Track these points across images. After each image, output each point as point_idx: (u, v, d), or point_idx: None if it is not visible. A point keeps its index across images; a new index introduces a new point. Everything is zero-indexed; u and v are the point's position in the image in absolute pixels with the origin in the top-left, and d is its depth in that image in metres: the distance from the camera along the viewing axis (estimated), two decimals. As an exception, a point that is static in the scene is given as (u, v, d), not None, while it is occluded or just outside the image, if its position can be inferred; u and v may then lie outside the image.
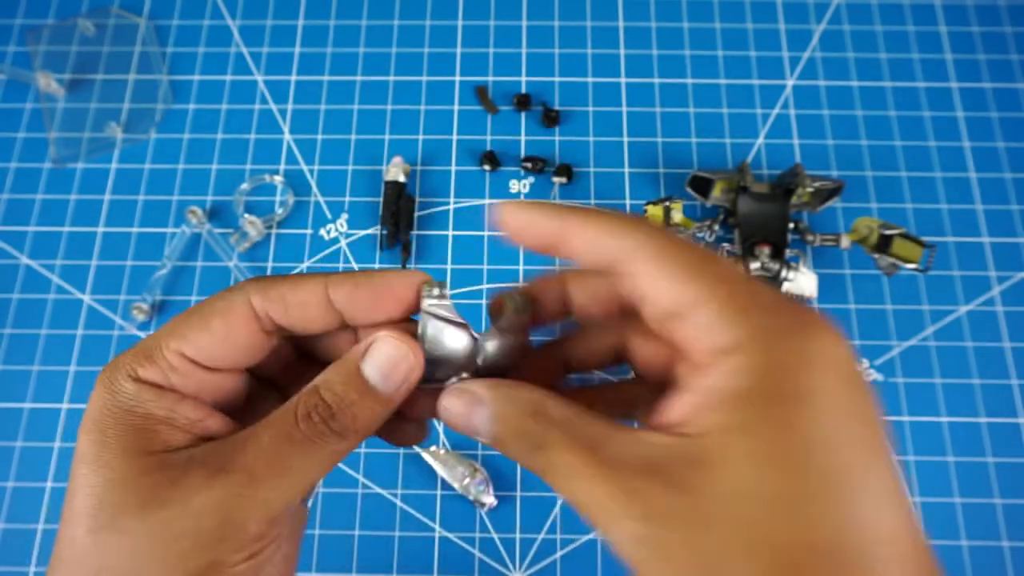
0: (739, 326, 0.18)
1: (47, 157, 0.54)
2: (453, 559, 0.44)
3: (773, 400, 0.17)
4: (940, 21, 0.57)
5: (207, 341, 0.22)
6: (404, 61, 0.56)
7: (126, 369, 0.21)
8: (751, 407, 0.17)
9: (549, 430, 0.20)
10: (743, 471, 0.17)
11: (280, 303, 0.22)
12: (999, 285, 0.50)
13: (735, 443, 0.17)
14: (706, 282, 0.19)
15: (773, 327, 0.18)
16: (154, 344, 0.21)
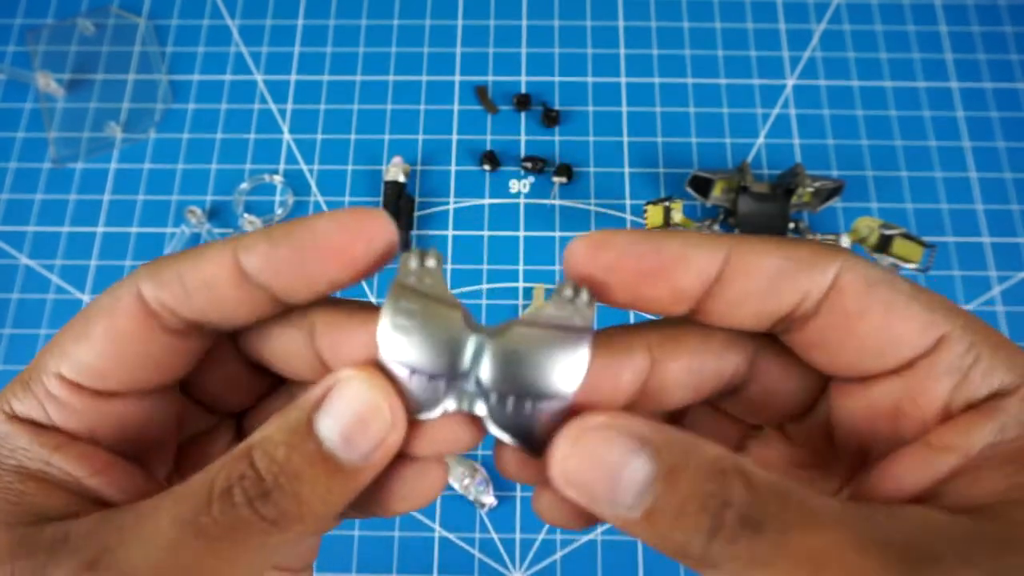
0: (1005, 361, 0.14)
1: (46, 157, 0.54)
2: (453, 559, 0.44)
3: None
4: (940, 21, 0.57)
5: (89, 353, 0.15)
6: (404, 61, 0.56)
7: (1, 408, 0.16)
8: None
9: (769, 499, 0.13)
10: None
11: (177, 285, 0.15)
12: (999, 285, 0.50)
13: None
14: (949, 312, 0.14)
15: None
16: (31, 367, 0.16)
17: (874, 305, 0.14)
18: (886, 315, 0.14)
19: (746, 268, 0.15)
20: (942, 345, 0.14)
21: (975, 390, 0.14)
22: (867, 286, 0.14)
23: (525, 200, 0.52)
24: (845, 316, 0.14)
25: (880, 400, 0.15)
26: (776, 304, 0.15)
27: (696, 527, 0.13)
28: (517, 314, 0.49)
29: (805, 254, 0.14)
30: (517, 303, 0.49)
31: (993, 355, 0.14)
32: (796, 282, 0.14)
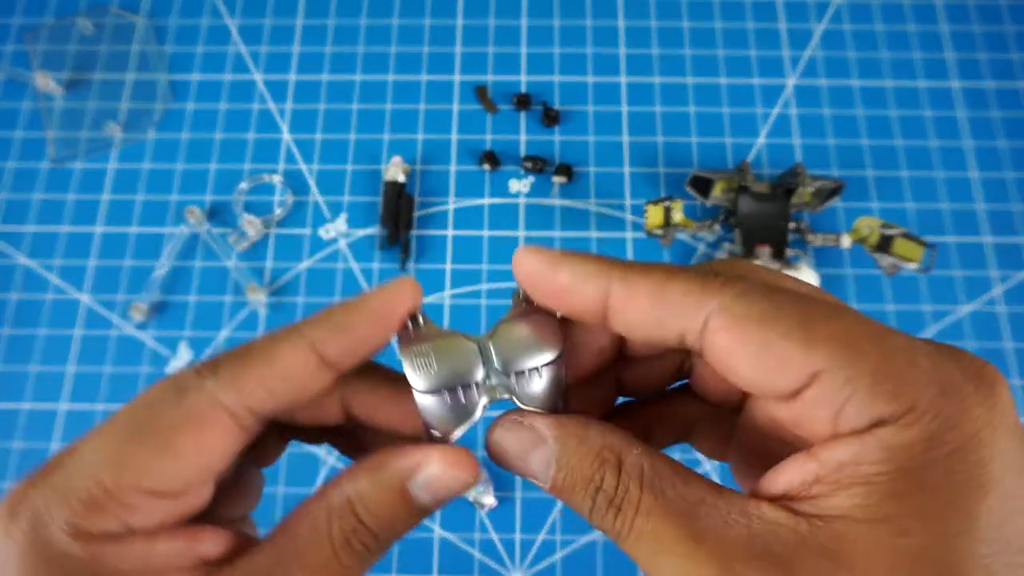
0: (884, 394, 0.14)
1: (45, 156, 0.54)
2: (453, 559, 0.44)
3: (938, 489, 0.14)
4: (941, 20, 0.57)
5: (175, 469, 0.16)
6: (403, 60, 0.56)
7: (57, 526, 0.15)
8: (907, 496, 0.14)
9: (629, 486, 0.16)
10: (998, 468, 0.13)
11: (262, 391, 0.17)
12: (1000, 285, 0.50)
13: (882, 539, 0.14)
14: (830, 345, 0.14)
15: (934, 388, 0.14)
16: (94, 484, 0.15)
17: (746, 346, 0.15)
18: (757, 356, 0.15)
19: (624, 305, 0.16)
20: (816, 381, 0.14)
21: (853, 421, 0.14)
22: (738, 328, 0.15)
23: (525, 200, 0.52)
24: (720, 354, 0.15)
25: (776, 416, 0.16)
26: (661, 338, 0.16)
27: (582, 503, 0.16)
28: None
29: (677, 295, 0.16)
30: (517, 303, 0.49)
31: (872, 388, 0.14)
32: (670, 322, 0.16)
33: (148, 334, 0.49)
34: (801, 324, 0.15)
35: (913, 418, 0.14)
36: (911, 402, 0.14)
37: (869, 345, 0.14)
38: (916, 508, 0.13)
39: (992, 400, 0.14)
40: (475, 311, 0.49)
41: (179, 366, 0.48)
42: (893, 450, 0.14)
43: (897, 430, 0.14)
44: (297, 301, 0.50)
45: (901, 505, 0.13)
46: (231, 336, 0.49)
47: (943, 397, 0.14)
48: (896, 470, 0.14)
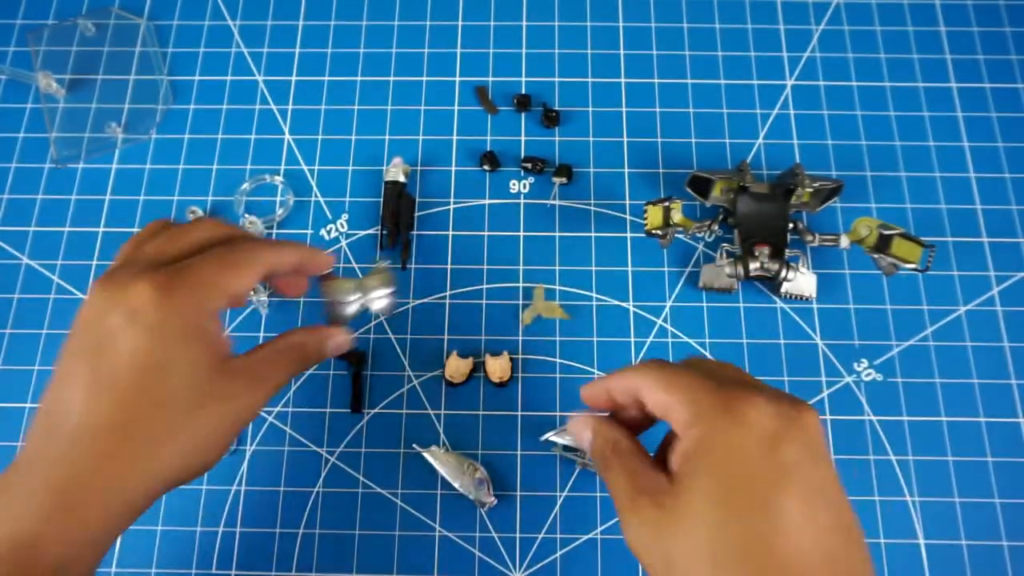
0: (691, 415, 0.28)
1: (48, 157, 0.54)
2: (453, 559, 0.44)
3: (706, 456, 0.27)
4: (940, 21, 0.57)
5: (242, 285, 0.32)
6: (404, 61, 0.56)
7: (199, 296, 0.30)
8: (698, 461, 0.27)
9: (614, 459, 0.31)
10: (696, 499, 0.26)
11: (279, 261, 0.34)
12: (999, 285, 0.50)
13: (693, 482, 0.27)
14: (676, 391, 0.29)
15: (708, 409, 0.27)
16: (212, 279, 0.30)
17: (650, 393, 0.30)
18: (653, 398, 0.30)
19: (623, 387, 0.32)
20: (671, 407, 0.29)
21: (684, 425, 0.28)
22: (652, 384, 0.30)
23: (525, 200, 0.52)
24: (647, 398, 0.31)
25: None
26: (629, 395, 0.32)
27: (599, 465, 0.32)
28: (518, 315, 0.49)
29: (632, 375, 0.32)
30: (517, 303, 0.49)
31: (689, 407, 0.28)
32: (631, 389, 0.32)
33: (150, 334, 0.49)
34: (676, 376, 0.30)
35: (694, 423, 0.28)
36: (695, 417, 0.28)
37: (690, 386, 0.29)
38: (690, 471, 0.27)
39: (728, 422, 0.27)
40: (476, 310, 0.49)
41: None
42: (688, 442, 0.28)
43: (689, 432, 0.28)
44: (298, 301, 0.50)
45: (687, 468, 0.27)
46: (233, 336, 0.49)
47: (701, 419, 0.28)
48: (688, 451, 0.27)
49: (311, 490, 0.46)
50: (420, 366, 0.48)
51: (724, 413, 0.27)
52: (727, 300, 0.50)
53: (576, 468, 0.46)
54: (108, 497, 0.28)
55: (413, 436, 0.47)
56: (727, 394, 0.27)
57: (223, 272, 0.31)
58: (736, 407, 0.27)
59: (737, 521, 0.25)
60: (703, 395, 0.28)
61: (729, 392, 0.27)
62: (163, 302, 0.28)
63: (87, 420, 0.28)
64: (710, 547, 0.25)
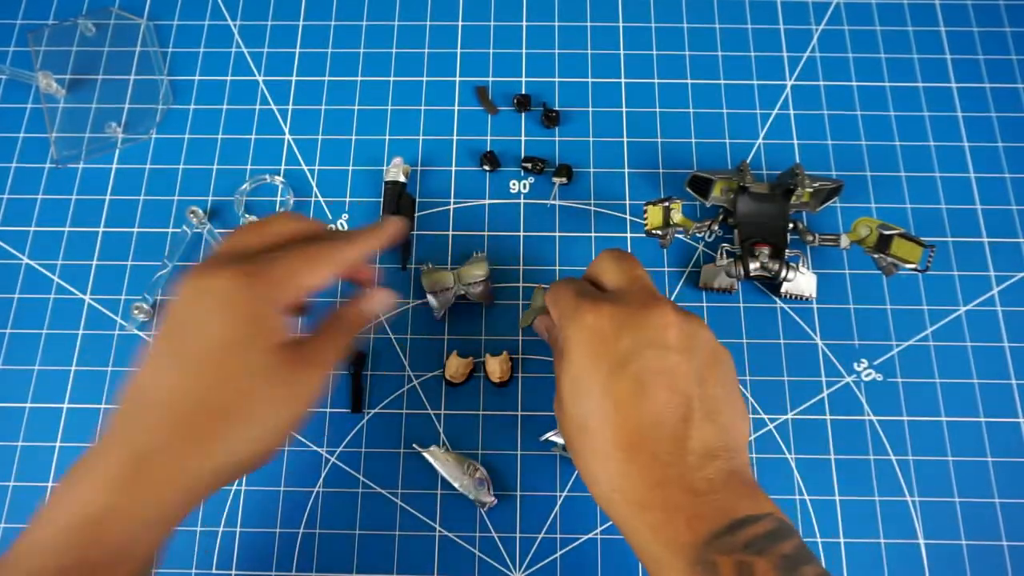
0: (558, 321, 0.35)
1: (48, 157, 0.54)
2: (453, 559, 0.44)
3: (563, 350, 0.34)
4: (940, 21, 0.57)
5: (315, 281, 0.34)
6: (404, 61, 0.56)
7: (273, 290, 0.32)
8: (560, 354, 0.34)
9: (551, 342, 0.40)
10: (563, 382, 0.33)
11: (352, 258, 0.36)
12: (999, 285, 0.50)
13: (561, 372, 0.34)
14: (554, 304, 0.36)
15: (565, 316, 0.34)
16: (287, 275, 0.33)
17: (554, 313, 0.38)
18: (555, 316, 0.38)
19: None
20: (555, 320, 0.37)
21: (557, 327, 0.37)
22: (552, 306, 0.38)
23: (525, 200, 0.52)
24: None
25: None
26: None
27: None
28: (518, 315, 0.49)
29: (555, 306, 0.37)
30: (517, 303, 0.49)
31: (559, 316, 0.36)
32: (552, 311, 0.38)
33: (150, 334, 0.49)
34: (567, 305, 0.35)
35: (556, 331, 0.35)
36: (559, 323, 0.35)
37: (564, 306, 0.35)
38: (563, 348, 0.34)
39: (576, 322, 0.33)
40: (476, 310, 0.49)
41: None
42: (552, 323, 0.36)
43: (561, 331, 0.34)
44: (298, 301, 0.50)
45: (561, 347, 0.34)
46: (233, 336, 0.49)
47: (563, 315, 0.34)
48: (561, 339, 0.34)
49: (311, 490, 0.46)
50: (420, 366, 0.48)
51: (572, 321, 0.33)
52: (727, 300, 0.50)
53: (576, 468, 0.46)
54: (179, 474, 0.30)
55: (413, 436, 0.47)
56: (580, 304, 0.33)
57: (302, 268, 0.33)
58: (581, 315, 0.33)
59: (585, 403, 0.32)
60: (565, 307, 0.34)
61: (582, 302, 0.33)
62: (245, 291, 0.31)
63: (170, 396, 0.30)
64: (573, 422, 0.32)
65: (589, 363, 0.32)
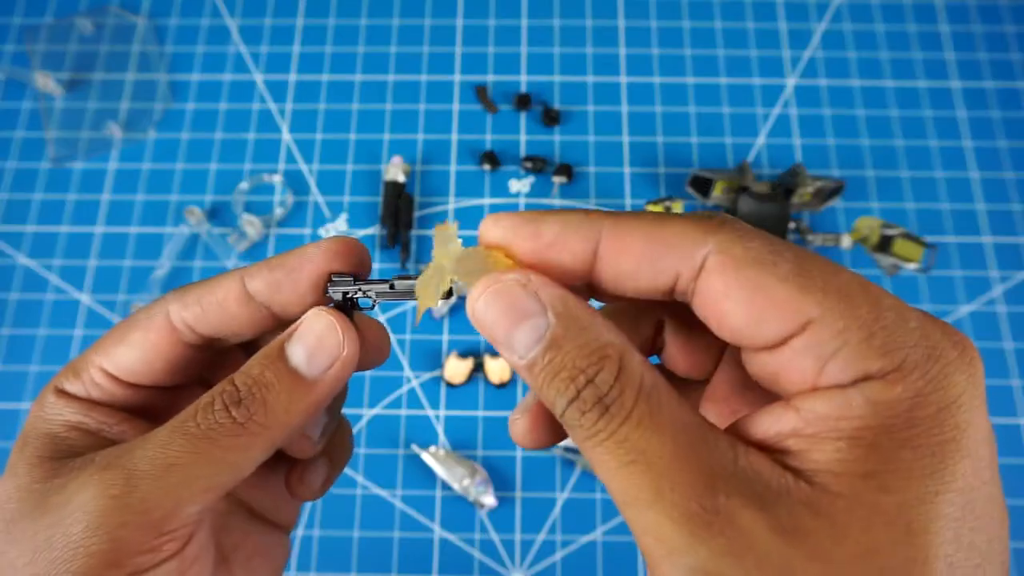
0: (875, 349, 0.14)
1: (45, 157, 0.54)
2: (453, 560, 0.44)
3: (920, 448, 0.14)
4: (941, 20, 0.57)
5: (126, 356, 0.20)
6: (403, 60, 0.56)
7: (54, 384, 0.21)
8: (890, 453, 0.14)
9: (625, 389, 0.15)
10: (876, 533, 0.13)
11: (197, 307, 0.20)
12: (1000, 285, 0.50)
13: (864, 495, 0.14)
14: (826, 294, 0.15)
15: (922, 348, 0.14)
16: (81, 359, 0.21)
17: (741, 288, 0.15)
18: (751, 298, 0.15)
19: (617, 251, 0.16)
20: (808, 329, 0.14)
21: (839, 374, 0.14)
22: (735, 269, 0.15)
23: (525, 200, 0.52)
24: (714, 297, 0.15)
25: (763, 367, 0.16)
26: (652, 283, 0.16)
27: (562, 391, 0.15)
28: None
29: (673, 237, 0.16)
30: (517, 303, 0.49)
31: (866, 342, 0.14)
32: (665, 264, 0.16)
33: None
34: (798, 271, 0.15)
35: (900, 375, 0.14)
36: (900, 360, 0.14)
37: (863, 300, 0.14)
38: (898, 465, 0.13)
39: (972, 369, 0.14)
40: (475, 311, 0.49)
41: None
42: (879, 405, 0.14)
43: (884, 386, 0.14)
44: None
45: (884, 461, 0.14)
46: (231, 336, 0.49)
47: (930, 359, 0.14)
48: (880, 426, 0.14)
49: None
50: (420, 366, 0.48)
51: (957, 362, 0.14)
52: (728, 300, 0.49)
53: (576, 469, 0.46)
54: None
55: (413, 437, 0.47)
56: (935, 324, 0.15)
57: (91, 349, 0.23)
58: (971, 354, 0.15)
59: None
60: (889, 317, 0.15)
61: (935, 323, 0.15)
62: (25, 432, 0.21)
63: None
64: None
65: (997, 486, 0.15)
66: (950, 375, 0.14)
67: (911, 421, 0.14)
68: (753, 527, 0.13)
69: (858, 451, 0.14)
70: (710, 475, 0.14)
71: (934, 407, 0.14)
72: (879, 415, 0.14)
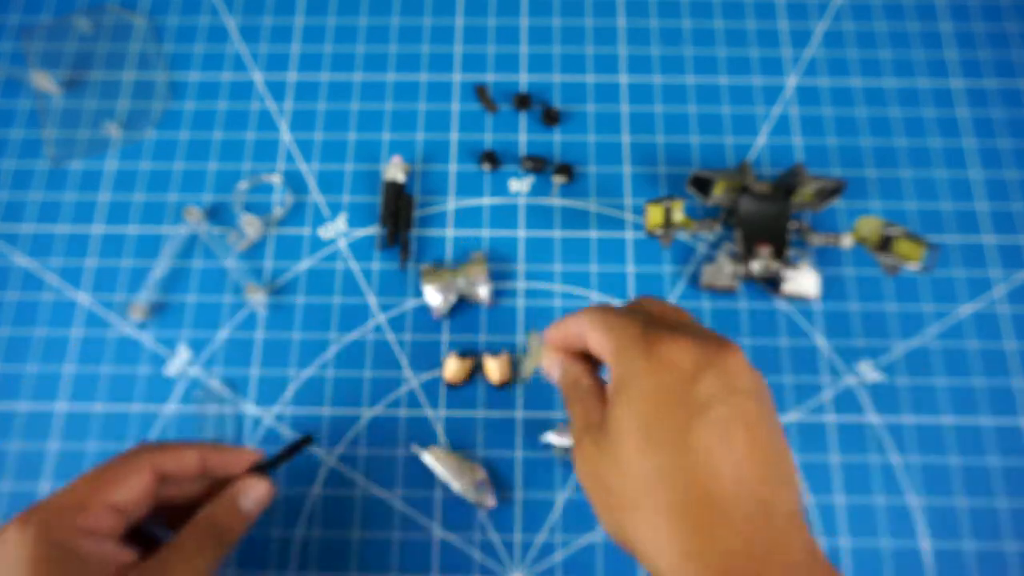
0: (617, 356, 0.29)
1: (43, 156, 0.53)
2: (453, 560, 0.44)
3: (625, 393, 0.29)
4: (942, 19, 0.57)
5: (127, 494, 0.32)
6: (403, 60, 0.56)
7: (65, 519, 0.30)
8: (619, 399, 0.29)
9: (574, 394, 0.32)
10: (621, 435, 0.28)
11: (174, 460, 0.34)
12: (1001, 285, 0.50)
13: (617, 420, 0.29)
14: (607, 333, 0.30)
15: (630, 350, 0.29)
16: (84, 498, 0.31)
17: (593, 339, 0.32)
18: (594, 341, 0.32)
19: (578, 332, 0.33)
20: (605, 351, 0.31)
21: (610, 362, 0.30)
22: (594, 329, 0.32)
23: (525, 200, 0.52)
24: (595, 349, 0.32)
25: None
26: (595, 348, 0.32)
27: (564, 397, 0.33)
28: (517, 315, 0.49)
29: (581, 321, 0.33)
30: (516, 303, 0.49)
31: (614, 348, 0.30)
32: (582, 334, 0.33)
33: (147, 334, 0.49)
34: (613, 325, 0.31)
35: (617, 370, 0.29)
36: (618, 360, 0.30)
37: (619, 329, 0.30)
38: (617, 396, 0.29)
39: (644, 352, 0.28)
40: (475, 310, 0.49)
41: (178, 366, 0.48)
42: (614, 377, 0.30)
43: (614, 369, 0.30)
44: (296, 301, 0.49)
45: (617, 403, 0.29)
46: (230, 336, 0.49)
47: (626, 352, 0.29)
48: (611, 395, 0.30)
49: (310, 492, 0.45)
50: (419, 367, 0.48)
51: (643, 353, 0.28)
52: (728, 300, 0.49)
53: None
54: None
55: (412, 437, 0.46)
56: (650, 336, 0.29)
57: (93, 488, 0.31)
58: (655, 348, 0.28)
59: (657, 454, 0.27)
60: (628, 337, 0.29)
61: (653, 334, 0.29)
62: (24, 536, 0.29)
63: None
64: (637, 479, 0.27)
65: (666, 408, 0.27)
66: (633, 366, 0.28)
67: (617, 388, 0.29)
68: (588, 443, 0.30)
69: (610, 404, 0.29)
70: (585, 426, 0.31)
71: (619, 383, 0.29)
72: (614, 385, 0.29)
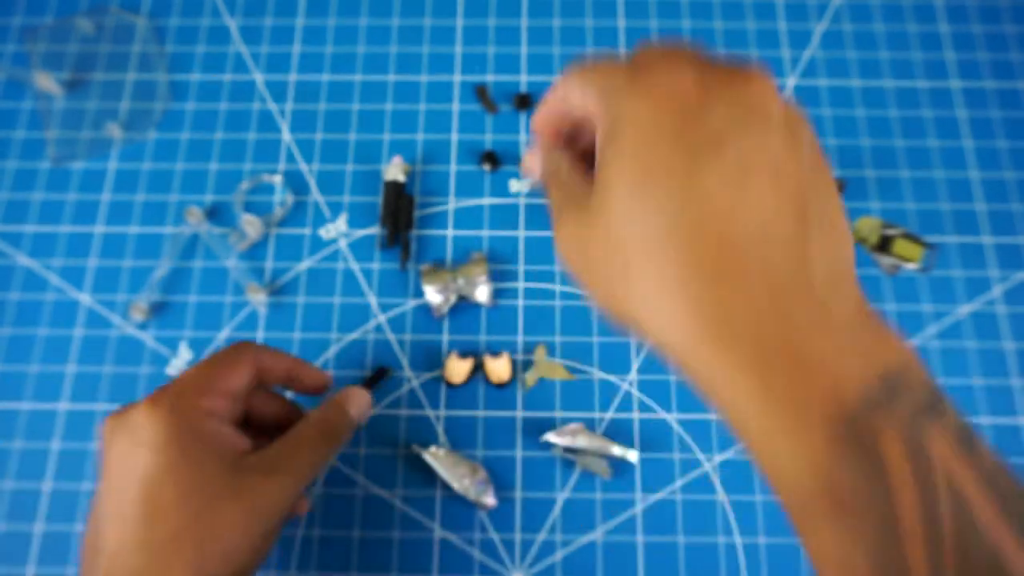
0: (602, 104, 0.24)
1: (45, 156, 0.54)
2: (453, 560, 0.44)
3: (614, 143, 0.23)
4: (941, 20, 0.57)
5: (238, 381, 0.34)
6: (403, 60, 0.56)
7: (190, 401, 0.32)
8: (607, 151, 0.23)
9: (555, 179, 0.28)
10: (611, 193, 0.23)
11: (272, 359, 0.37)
12: (1000, 285, 0.50)
13: (605, 176, 0.23)
14: (591, 83, 0.25)
15: (618, 90, 0.23)
16: (203, 383, 0.33)
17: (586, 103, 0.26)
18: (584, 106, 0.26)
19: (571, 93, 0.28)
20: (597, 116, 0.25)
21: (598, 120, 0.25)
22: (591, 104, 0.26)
23: (525, 200, 0.52)
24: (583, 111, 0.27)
25: None
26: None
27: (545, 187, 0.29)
28: (517, 314, 0.49)
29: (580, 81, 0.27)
30: (517, 303, 0.49)
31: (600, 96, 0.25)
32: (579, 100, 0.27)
33: (148, 334, 0.49)
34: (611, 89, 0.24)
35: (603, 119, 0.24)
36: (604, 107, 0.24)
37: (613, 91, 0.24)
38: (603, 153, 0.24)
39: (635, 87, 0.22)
40: (476, 310, 0.49)
41: (180, 365, 0.48)
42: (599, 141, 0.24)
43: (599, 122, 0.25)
44: (297, 301, 0.50)
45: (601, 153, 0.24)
46: (231, 336, 0.49)
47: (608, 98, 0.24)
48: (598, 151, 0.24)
49: (310, 491, 0.46)
50: (419, 367, 0.48)
51: (632, 90, 0.22)
52: (728, 300, 0.49)
53: (576, 469, 0.46)
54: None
55: (413, 437, 0.47)
56: (641, 67, 0.22)
57: (209, 374, 0.33)
58: (646, 78, 0.22)
59: (657, 211, 0.21)
60: (614, 76, 0.23)
61: (644, 64, 0.22)
62: (153, 416, 0.31)
63: (115, 548, 0.29)
64: (635, 242, 0.22)
65: (666, 143, 0.21)
66: (620, 108, 0.23)
67: (604, 140, 0.23)
68: (570, 214, 0.25)
69: (597, 161, 0.24)
70: (565, 200, 0.26)
71: (607, 133, 0.23)
72: (601, 138, 0.24)
